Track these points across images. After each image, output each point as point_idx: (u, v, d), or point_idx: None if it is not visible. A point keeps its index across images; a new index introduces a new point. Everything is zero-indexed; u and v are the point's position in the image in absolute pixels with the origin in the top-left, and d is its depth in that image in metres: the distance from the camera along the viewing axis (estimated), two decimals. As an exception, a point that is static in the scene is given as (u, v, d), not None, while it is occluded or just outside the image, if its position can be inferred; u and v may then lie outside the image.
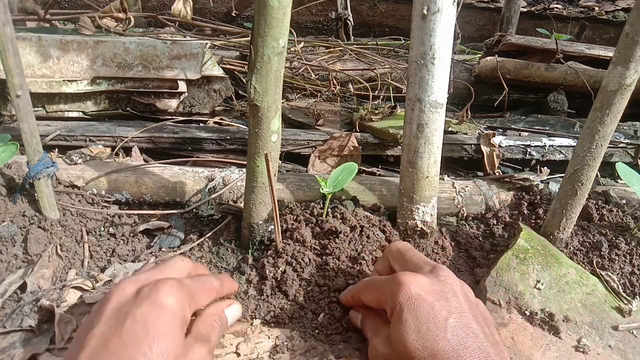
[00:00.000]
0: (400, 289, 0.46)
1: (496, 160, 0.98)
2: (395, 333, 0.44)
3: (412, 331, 0.43)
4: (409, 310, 0.44)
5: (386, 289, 0.49)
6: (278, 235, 0.64)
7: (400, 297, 0.46)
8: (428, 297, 0.45)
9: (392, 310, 0.46)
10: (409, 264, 0.53)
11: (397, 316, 0.45)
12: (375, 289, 0.52)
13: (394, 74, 1.31)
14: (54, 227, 0.68)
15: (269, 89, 0.55)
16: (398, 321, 0.45)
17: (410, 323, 0.44)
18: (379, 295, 0.50)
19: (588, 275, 0.68)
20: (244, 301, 0.61)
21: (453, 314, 0.44)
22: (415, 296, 0.45)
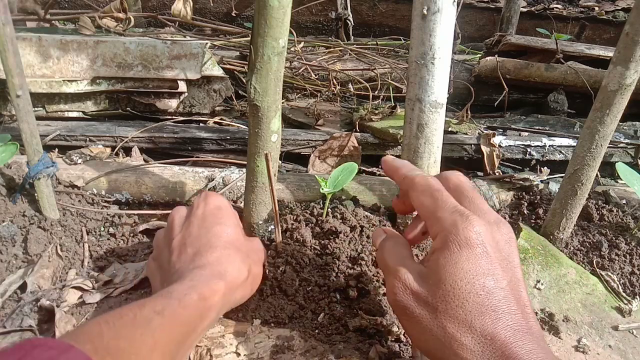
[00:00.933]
0: (473, 225, 0.39)
1: (496, 160, 0.98)
2: (448, 265, 0.38)
3: (467, 273, 0.37)
4: (472, 252, 0.38)
5: (453, 212, 0.41)
6: (278, 235, 0.64)
7: (469, 233, 0.39)
8: (493, 253, 0.39)
9: (449, 239, 0.39)
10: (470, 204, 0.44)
11: (455, 249, 0.38)
12: (438, 199, 0.43)
13: (394, 74, 1.31)
14: (54, 227, 0.68)
15: (269, 89, 0.55)
16: (455, 255, 0.38)
17: (468, 265, 0.38)
18: (438, 208, 0.42)
19: (588, 275, 0.68)
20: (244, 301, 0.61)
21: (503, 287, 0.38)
22: (482, 243, 0.39)
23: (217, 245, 0.49)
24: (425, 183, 0.45)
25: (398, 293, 0.41)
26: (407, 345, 0.55)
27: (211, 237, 0.50)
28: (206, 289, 0.43)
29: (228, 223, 0.53)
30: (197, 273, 0.45)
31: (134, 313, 0.37)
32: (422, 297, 0.39)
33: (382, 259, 0.46)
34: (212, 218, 0.52)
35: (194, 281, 0.44)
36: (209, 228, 0.51)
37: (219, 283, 0.45)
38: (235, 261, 0.49)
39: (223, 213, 0.54)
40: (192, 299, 0.41)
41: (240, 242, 0.52)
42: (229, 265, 0.48)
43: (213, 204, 0.54)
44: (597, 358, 0.56)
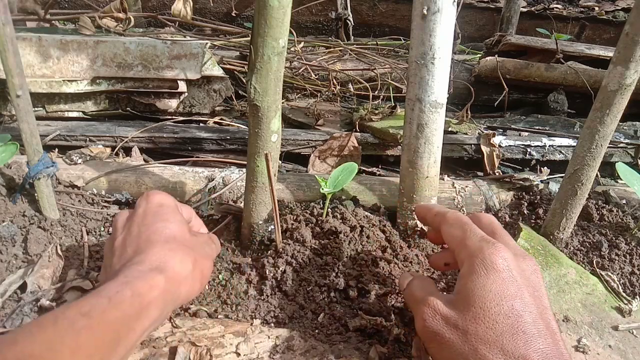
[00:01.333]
0: (499, 251, 0.41)
1: (496, 160, 0.98)
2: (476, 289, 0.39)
3: (496, 295, 0.38)
4: (499, 276, 0.39)
5: (480, 240, 0.43)
6: (278, 235, 0.64)
7: (496, 258, 0.40)
8: (519, 279, 0.40)
9: (476, 264, 0.41)
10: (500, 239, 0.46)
11: (482, 272, 0.40)
12: (467, 230, 0.45)
13: (394, 74, 1.31)
14: (54, 227, 0.68)
15: (269, 89, 0.55)
16: (482, 278, 0.39)
17: (496, 287, 0.39)
18: (466, 237, 0.44)
19: (588, 275, 0.68)
20: (244, 301, 0.61)
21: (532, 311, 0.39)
22: (509, 268, 0.40)
23: (157, 241, 0.46)
24: (456, 217, 0.48)
25: (427, 319, 0.41)
26: (407, 345, 0.55)
27: (151, 233, 0.47)
28: (142, 283, 0.40)
29: (170, 219, 0.50)
30: (133, 269, 0.42)
31: (55, 316, 0.34)
32: (451, 321, 0.40)
33: (411, 294, 0.47)
34: (153, 216, 0.50)
35: (129, 277, 0.41)
36: (149, 225, 0.49)
37: (157, 277, 0.42)
38: (177, 255, 0.46)
39: (165, 210, 0.51)
40: (124, 295, 0.38)
41: (184, 237, 0.49)
42: (169, 260, 0.45)
43: (155, 201, 0.52)
44: (597, 358, 0.56)
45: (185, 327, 0.54)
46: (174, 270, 0.44)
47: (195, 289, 0.48)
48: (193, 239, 0.51)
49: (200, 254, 0.50)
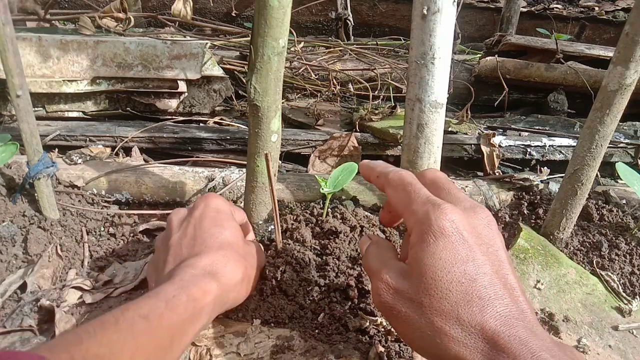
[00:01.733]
0: (446, 214, 0.38)
1: (496, 160, 0.98)
2: (426, 258, 0.37)
3: (446, 263, 0.36)
4: (448, 241, 0.37)
5: (425, 203, 0.40)
6: (278, 235, 0.64)
7: (443, 222, 0.38)
8: (470, 239, 0.38)
9: (424, 231, 0.38)
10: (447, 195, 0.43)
11: (431, 240, 0.38)
12: (411, 192, 0.42)
13: (394, 74, 1.31)
14: (54, 227, 0.68)
15: (269, 89, 0.55)
16: (431, 246, 0.37)
17: (445, 254, 0.37)
18: (411, 201, 0.41)
19: (588, 275, 0.68)
20: (244, 301, 0.60)
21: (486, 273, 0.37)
22: (457, 231, 0.38)
23: (211, 246, 0.48)
24: (399, 177, 0.44)
25: (382, 294, 0.40)
26: (407, 345, 0.55)
27: (207, 237, 0.49)
28: (196, 289, 0.41)
29: (226, 225, 0.52)
30: (188, 273, 0.43)
31: (116, 318, 0.36)
32: (405, 294, 0.38)
33: (367, 263, 0.45)
34: (210, 220, 0.52)
35: (184, 281, 0.42)
36: (205, 229, 0.50)
37: (211, 283, 0.43)
38: (229, 262, 0.47)
39: (221, 215, 0.53)
40: (180, 300, 0.39)
41: (238, 245, 0.51)
42: (222, 266, 0.46)
43: (212, 205, 0.54)
44: (597, 358, 0.56)
45: (185, 327, 0.54)
46: (226, 277, 0.46)
47: (241, 296, 0.50)
48: (245, 248, 0.53)
49: (250, 262, 0.52)
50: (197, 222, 0.51)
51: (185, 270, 0.44)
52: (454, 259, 0.36)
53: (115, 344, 0.34)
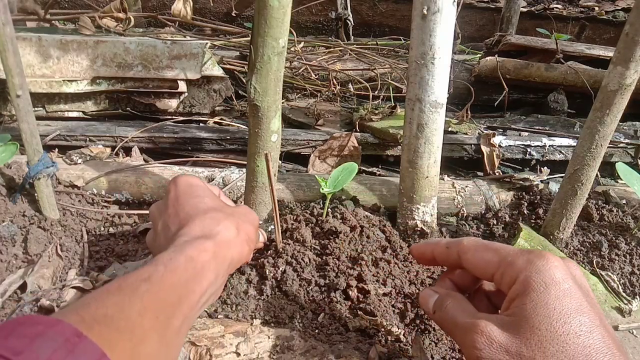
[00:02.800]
0: (552, 261, 0.37)
1: (496, 160, 0.98)
2: (539, 308, 0.35)
3: (561, 313, 0.34)
4: (559, 290, 0.35)
5: (522, 253, 0.39)
6: (278, 235, 0.64)
7: (552, 271, 0.36)
8: (578, 289, 0.36)
9: (531, 281, 0.36)
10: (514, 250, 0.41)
11: (541, 289, 0.35)
12: (498, 248, 0.41)
13: (394, 74, 1.31)
14: (54, 227, 0.68)
15: (269, 89, 0.55)
16: (543, 295, 0.35)
17: (559, 304, 0.34)
18: (505, 255, 0.40)
19: (588, 275, 0.68)
20: (244, 301, 0.60)
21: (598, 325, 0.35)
22: (567, 280, 0.36)
23: (197, 214, 0.48)
24: (474, 240, 0.44)
25: (483, 349, 0.36)
26: (407, 345, 0.55)
27: (189, 209, 0.49)
28: (192, 249, 0.42)
29: (202, 194, 0.52)
30: (181, 240, 0.44)
31: (119, 284, 0.37)
32: (513, 350, 0.34)
33: (449, 318, 0.41)
34: (185, 195, 0.51)
35: (178, 246, 0.43)
36: (184, 204, 0.50)
37: (206, 242, 0.44)
38: (220, 221, 0.47)
39: (195, 188, 0.53)
40: (178, 261, 0.40)
41: (223, 207, 0.51)
42: (214, 226, 0.47)
43: (183, 183, 0.53)
44: (597, 358, 0.56)
45: (185, 327, 0.54)
46: (220, 234, 0.46)
47: (245, 252, 0.50)
48: (232, 208, 0.52)
49: (242, 219, 0.51)
50: (174, 202, 0.51)
51: (176, 239, 0.45)
52: (568, 309, 0.34)
53: (123, 304, 0.35)
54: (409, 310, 0.60)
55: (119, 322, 0.33)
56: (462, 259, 0.43)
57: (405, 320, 0.59)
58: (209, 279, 0.43)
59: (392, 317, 0.59)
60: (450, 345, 0.57)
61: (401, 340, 0.55)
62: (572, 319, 0.34)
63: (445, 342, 0.58)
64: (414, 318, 0.59)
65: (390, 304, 0.60)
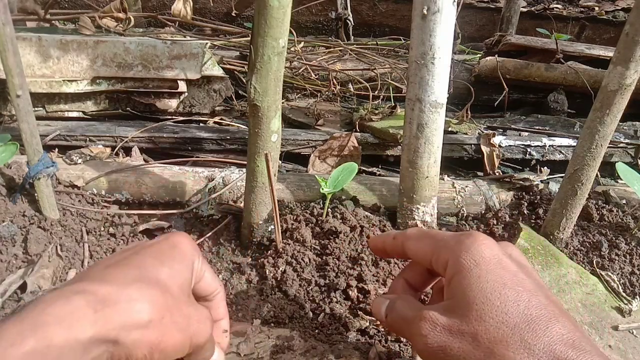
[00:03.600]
0: (480, 239, 0.37)
1: (496, 160, 0.98)
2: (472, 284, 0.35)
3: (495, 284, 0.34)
4: (490, 264, 0.35)
5: (454, 236, 0.39)
6: (278, 235, 0.64)
7: (480, 248, 0.37)
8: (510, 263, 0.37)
9: (462, 260, 0.36)
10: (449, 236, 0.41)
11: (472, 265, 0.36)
12: (436, 235, 0.42)
13: (394, 74, 1.31)
14: (54, 227, 0.68)
15: (269, 89, 0.55)
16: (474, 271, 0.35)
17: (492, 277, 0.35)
18: (439, 240, 0.40)
19: (588, 275, 0.68)
20: (244, 301, 0.61)
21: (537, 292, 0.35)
22: (497, 255, 0.36)
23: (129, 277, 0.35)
24: (417, 229, 0.45)
25: (428, 334, 0.35)
26: (407, 345, 0.55)
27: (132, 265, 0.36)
28: (59, 326, 0.29)
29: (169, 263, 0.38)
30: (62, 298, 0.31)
31: None
32: (455, 328, 0.34)
33: (398, 318, 0.41)
34: (155, 251, 0.39)
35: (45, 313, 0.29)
36: (140, 258, 0.37)
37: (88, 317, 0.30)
38: (139, 299, 0.33)
39: (173, 253, 0.39)
40: (20, 350, 0.27)
41: (169, 291, 0.36)
42: (123, 298, 0.32)
43: (171, 239, 0.41)
44: (597, 358, 0.56)
45: (185, 327, 0.54)
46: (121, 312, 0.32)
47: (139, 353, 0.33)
48: (180, 300, 0.37)
49: (175, 318, 0.35)
50: (137, 249, 0.39)
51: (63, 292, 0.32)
52: (502, 281, 0.34)
53: None
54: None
55: None
56: (405, 247, 0.44)
57: (405, 320, 0.59)
58: None
59: (392, 317, 0.59)
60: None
61: (401, 340, 0.55)
62: (507, 289, 0.34)
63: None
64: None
65: (390, 304, 0.61)
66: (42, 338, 0.28)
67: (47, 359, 0.28)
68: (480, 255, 0.36)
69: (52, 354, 0.28)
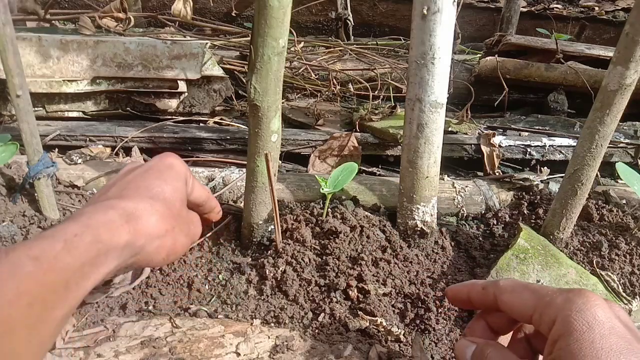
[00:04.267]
0: (593, 300, 0.35)
1: (496, 160, 0.98)
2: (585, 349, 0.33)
3: (609, 352, 0.33)
4: (604, 329, 0.34)
5: (561, 292, 0.37)
6: (278, 235, 0.64)
7: (594, 310, 0.35)
8: (623, 328, 0.35)
9: (572, 320, 0.35)
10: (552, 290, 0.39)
11: (584, 328, 0.34)
12: (537, 294, 0.39)
13: (394, 74, 1.31)
14: (54, 227, 0.68)
15: (269, 89, 0.55)
16: (586, 335, 0.34)
17: (605, 343, 0.33)
18: (543, 295, 0.38)
19: (588, 275, 0.68)
20: (244, 301, 0.61)
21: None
22: (611, 319, 0.35)
23: (142, 194, 0.43)
24: (512, 281, 0.43)
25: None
26: (407, 345, 0.55)
27: (141, 185, 0.45)
28: (104, 229, 0.37)
29: (169, 182, 0.47)
30: (101, 210, 0.39)
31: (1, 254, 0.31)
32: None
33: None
34: (155, 172, 0.47)
35: (93, 219, 0.37)
36: (144, 178, 0.46)
37: (124, 227, 0.39)
38: (155, 213, 0.42)
39: (170, 173, 0.48)
40: (82, 240, 0.35)
41: (173, 204, 0.46)
42: (146, 215, 0.41)
43: (166, 161, 0.49)
44: (597, 358, 0.56)
45: (185, 327, 0.54)
46: (145, 225, 0.41)
47: (159, 257, 0.44)
48: (182, 210, 0.48)
49: (180, 225, 0.47)
50: (141, 171, 0.47)
51: (98, 207, 0.39)
52: (617, 350, 0.33)
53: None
54: (409, 310, 0.60)
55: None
56: (498, 300, 0.42)
57: (405, 320, 0.59)
58: (109, 267, 0.38)
59: (392, 317, 0.59)
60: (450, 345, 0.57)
61: (401, 340, 0.55)
62: (622, 358, 0.33)
63: (445, 342, 0.58)
64: (414, 318, 0.59)
65: (390, 304, 0.61)
66: (95, 235, 0.36)
67: (100, 253, 0.36)
68: (593, 318, 0.34)
69: (103, 249, 0.36)
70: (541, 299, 0.38)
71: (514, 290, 0.41)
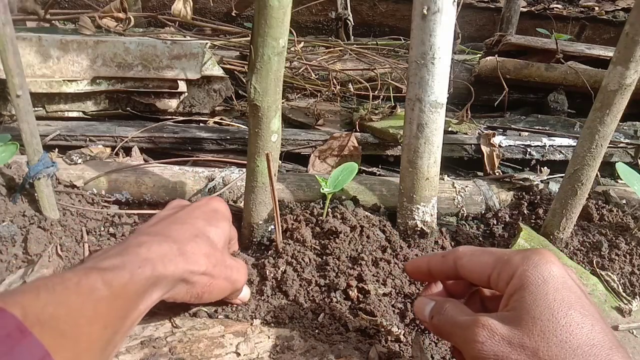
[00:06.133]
0: (549, 257, 0.37)
1: (496, 160, 0.98)
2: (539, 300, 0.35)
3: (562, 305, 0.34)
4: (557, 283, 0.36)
5: (517, 252, 0.39)
6: (278, 235, 0.64)
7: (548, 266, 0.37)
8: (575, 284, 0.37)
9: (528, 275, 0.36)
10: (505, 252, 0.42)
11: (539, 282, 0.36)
12: (495, 255, 0.41)
13: (394, 74, 1.31)
14: (54, 227, 0.68)
15: (269, 89, 0.55)
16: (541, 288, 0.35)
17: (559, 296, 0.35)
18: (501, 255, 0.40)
19: (588, 275, 0.68)
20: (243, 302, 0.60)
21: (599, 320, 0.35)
22: (563, 275, 0.36)
23: (191, 233, 0.47)
24: (469, 247, 0.44)
25: (485, 342, 0.35)
26: (407, 345, 0.55)
27: (189, 224, 0.48)
28: (160, 262, 0.41)
29: (215, 225, 0.50)
30: (156, 243, 0.42)
31: (78, 278, 0.33)
32: (515, 340, 0.34)
33: (447, 321, 0.41)
34: (202, 213, 0.51)
35: (152, 252, 0.41)
36: (193, 219, 0.49)
37: (178, 259, 0.42)
38: (201, 251, 0.46)
39: (216, 216, 0.52)
40: (144, 273, 0.38)
41: (216, 245, 0.49)
42: (194, 252, 0.45)
43: (212, 205, 0.53)
44: (597, 358, 0.56)
45: (185, 327, 0.54)
46: (193, 261, 0.44)
47: (193, 291, 0.47)
48: (224, 254, 0.51)
49: (220, 267, 0.48)
50: (189, 211, 0.51)
51: (155, 238, 0.43)
52: (568, 302, 0.35)
53: (73, 306, 0.31)
54: (409, 310, 0.60)
55: (65, 326, 0.30)
56: (458, 265, 0.43)
57: (405, 320, 0.59)
58: (158, 295, 0.41)
59: (392, 317, 0.59)
60: (450, 345, 0.57)
61: (401, 340, 0.55)
62: (573, 311, 0.34)
63: (445, 342, 0.58)
64: (414, 318, 0.59)
65: (390, 304, 0.61)
66: (153, 268, 0.40)
67: (155, 283, 0.40)
68: (549, 273, 0.36)
69: (162, 282, 0.41)
70: (500, 259, 0.40)
71: (473, 254, 0.43)
